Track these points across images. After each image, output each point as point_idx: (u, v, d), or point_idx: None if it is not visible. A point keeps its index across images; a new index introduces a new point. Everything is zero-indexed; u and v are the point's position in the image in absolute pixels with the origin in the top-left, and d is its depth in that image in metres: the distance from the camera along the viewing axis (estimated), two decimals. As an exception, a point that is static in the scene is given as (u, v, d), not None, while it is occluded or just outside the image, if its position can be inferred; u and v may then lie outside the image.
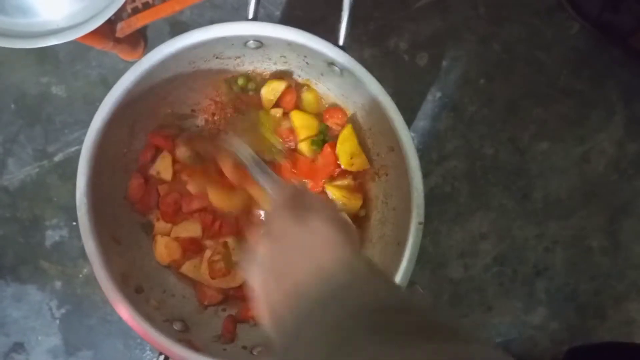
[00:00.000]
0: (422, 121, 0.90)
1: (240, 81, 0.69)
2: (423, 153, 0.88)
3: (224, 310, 0.69)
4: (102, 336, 0.90)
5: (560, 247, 0.89)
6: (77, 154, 0.59)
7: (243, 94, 0.70)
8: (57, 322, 0.90)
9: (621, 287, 0.89)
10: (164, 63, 0.58)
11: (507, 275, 0.89)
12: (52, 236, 0.90)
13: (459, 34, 0.90)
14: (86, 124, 0.60)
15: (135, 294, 0.61)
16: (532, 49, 0.90)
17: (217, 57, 0.65)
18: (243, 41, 0.60)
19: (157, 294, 0.65)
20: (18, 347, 0.89)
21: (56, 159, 0.90)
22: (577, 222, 0.89)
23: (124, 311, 0.57)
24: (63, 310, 0.90)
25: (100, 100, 0.58)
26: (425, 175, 0.59)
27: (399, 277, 0.57)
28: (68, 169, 0.89)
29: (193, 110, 0.72)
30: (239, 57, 0.66)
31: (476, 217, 0.89)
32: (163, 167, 0.69)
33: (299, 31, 0.58)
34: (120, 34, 0.76)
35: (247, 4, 0.60)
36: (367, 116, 0.67)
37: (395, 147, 0.60)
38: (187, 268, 0.69)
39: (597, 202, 0.89)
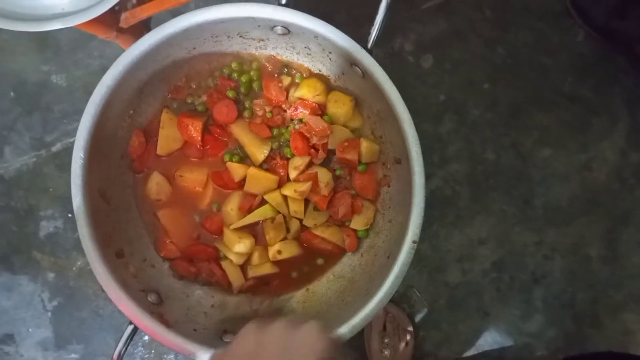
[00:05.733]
0: (424, 123, 0.89)
1: (235, 65, 0.69)
2: (425, 155, 0.87)
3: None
4: (93, 330, 0.88)
5: (559, 254, 0.88)
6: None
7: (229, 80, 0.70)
8: (49, 314, 0.88)
9: (619, 297, 0.88)
10: (187, 31, 0.58)
11: (505, 282, 0.88)
12: (46, 227, 0.89)
13: (465, 37, 0.90)
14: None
15: (115, 257, 0.60)
16: (537, 54, 0.89)
17: (240, 36, 0.65)
18: (271, 25, 0.61)
19: (137, 261, 0.64)
20: (7, 338, 0.88)
21: (54, 149, 0.89)
22: (576, 230, 0.89)
23: (101, 272, 0.56)
24: (55, 303, 0.89)
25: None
26: (427, 177, 0.59)
27: (383, 292, 0.56)
28: (66, 159, 0.88)
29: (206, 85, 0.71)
30: (262, 40, 0.66)
31: (476, 222, 0.89)
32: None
33: (329, 26, 0.58)
34: (124, 24, 0.75)
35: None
36: (380, 122, 0.67)
37: (403, 160, 0.60)
38: (164, 213, 0.68)
39: (597, 211, 0.89)
